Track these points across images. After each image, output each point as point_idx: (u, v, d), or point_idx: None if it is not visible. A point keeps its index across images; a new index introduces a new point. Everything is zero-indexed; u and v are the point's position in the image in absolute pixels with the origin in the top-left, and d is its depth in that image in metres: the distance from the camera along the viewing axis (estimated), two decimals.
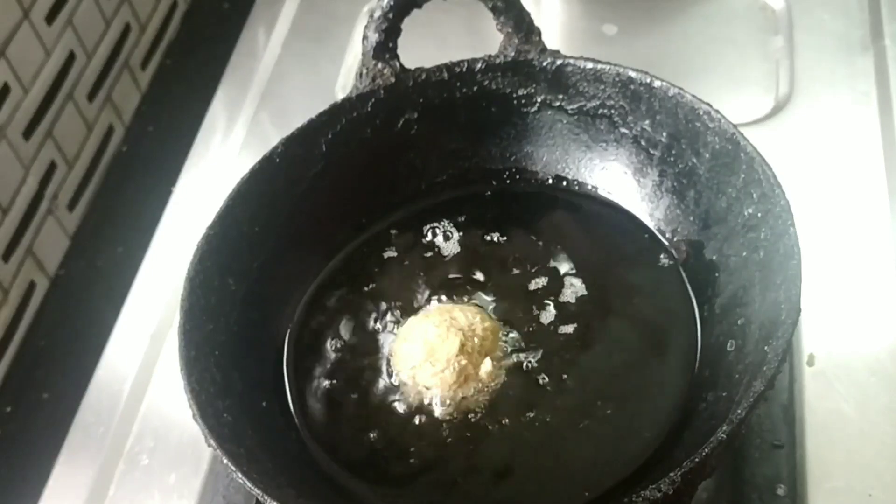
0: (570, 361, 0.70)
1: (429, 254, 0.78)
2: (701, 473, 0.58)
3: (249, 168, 0.73)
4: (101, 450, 0.80)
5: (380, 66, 0.76)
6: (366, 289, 0.77)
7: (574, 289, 0.74)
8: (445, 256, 0.78)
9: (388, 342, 0.73)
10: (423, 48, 0.78)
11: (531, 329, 0.72)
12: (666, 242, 0.76)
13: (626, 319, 0.72)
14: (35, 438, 0.85)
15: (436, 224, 0.80)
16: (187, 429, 0.66)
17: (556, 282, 0.75)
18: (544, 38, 0.77)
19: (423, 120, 0.79)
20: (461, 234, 0.79)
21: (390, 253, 0.79)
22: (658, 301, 0.73)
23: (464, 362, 0.68)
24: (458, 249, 0.78)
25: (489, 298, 0.74)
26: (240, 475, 0.59)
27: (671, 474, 0.55)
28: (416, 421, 0.69)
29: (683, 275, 0.74)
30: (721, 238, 0.71)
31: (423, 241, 0.79)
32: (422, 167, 0.81)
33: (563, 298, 0.74)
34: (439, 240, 0.79)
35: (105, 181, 1.04)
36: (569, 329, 0.72)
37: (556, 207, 0.80)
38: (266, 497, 0.58)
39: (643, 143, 0.76)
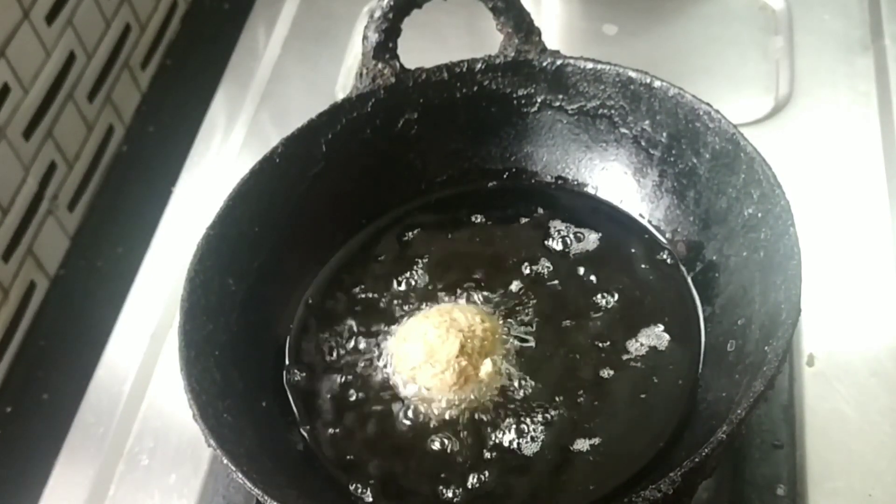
0: (572, 361, 0.70)
1: (428, 254, 0.78)
2: (701, 473, 0.58)
3: (249, 168, 0.73)
4: (101, 450, 0.80)
5: (380, 66, 0.76)
6: (365, 289, 0.77)
7: (574, 289, 0.74)
8: (445, 256, 0.78)
9: (388, 342, 0.73)
10: (423, 48, 0.78)
11: (532, 328, 0.72)
12: (666, 242, 0.76)
13: (628, 320, 0.72)
14: (35, 438, 0.85)
15: (435, 224, 0.80)
16: (187, 429, 0.66)
17: (557, 282, 0.75)
18: (544, 38, 0.77)
19: (423, 120, 0.79)
20: (461, 233, 0.79)
21: (390, 253, 0.79)
22: (659, 301, 0.73)
23: (464, 363, 0.68)
24: (458, 249, 0.78)
25: (488, 299, 0.74)
26: (240, 475, 0.59)
27: (671, 474, 0.55)
28: (417, 422, 0.69)
29: (685, 275, 0.74)
30: (721, 238, 0.71)
31: (423, 241, 0.79)
32: (422, 167, 0.81)
33: (563, 299, 0.74)
34: (439, 240, 0.79)
35: (105, 181, 1.04)
36: (569, 330, 0.72)
37: (556, 208, 0.80)
38: (266, 497, 0.58)
39: (643, 143, 0.76)
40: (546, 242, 0.77)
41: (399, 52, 0.76)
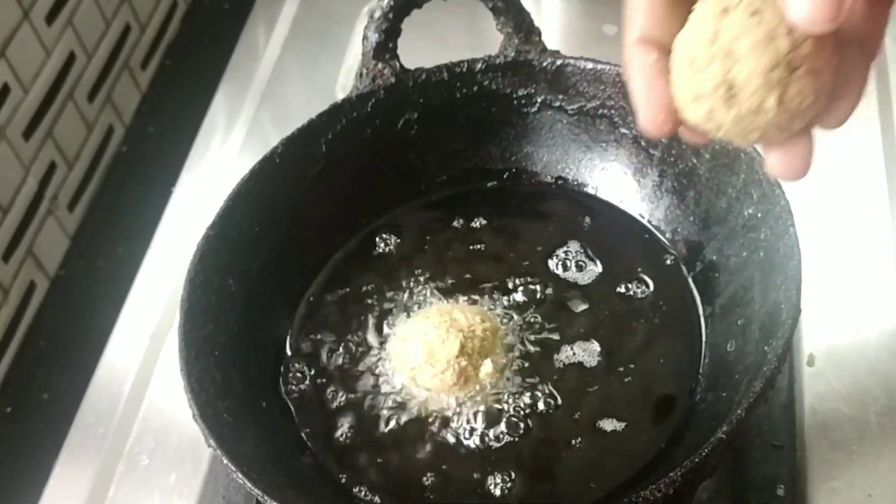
0: (572, 361, 0.70)
1: (428, 254, 0.78)
2: (701, 473, 0.58)
3: (249, 168, 0.73)
4: (101, 450, 0.80)
5: (380, 66, 0.76)
6: (365, 289, 0.77)
7: (574, 290, 0.74)
8: (445, 257, 0.78)
9: (387, 343, 0.73)
10: (423, 48, 0.78)
11: (531, 328, 0.72)
12: (666, 243, 0.76)
13: (628, 320, 0.72)
14: (35, 438, 0.85)
15: (435, 224, 0.80)
16: (187, 429, 0.66)
17: (557, 283, 0.75)
18: (544, 38, 0.77)
19: (423, 120, 0.79)
20: (461, 234, 0.79)
21: (390, 253, 0.79)
22: (660, 302, 0.73)
23: (464, 363, 0.68)
24: (458, 249, 0.78)
25: (488, 299, 0.74)
26: (240, 475, 0.59)
27: (671, 474, 0.55)
28: (416, 422, 0.69)
29: (685, 275, 0.74)
30: (721, 238, 0.71)
31: (423, 241, 0.79)
32: (422, 167, 0.81)
33: (562, 300, 0.74)
34: (439, 240, 0.79)
35: (105, 181, 1.04)
36: (570, 329, 0.72)
37: (556, 208, 0.80)
38: (266, 497, 0.58)
39: (643, 143, 0.76)
40: (548, 241, 0.77)
41: (399, 52, 0.76)
